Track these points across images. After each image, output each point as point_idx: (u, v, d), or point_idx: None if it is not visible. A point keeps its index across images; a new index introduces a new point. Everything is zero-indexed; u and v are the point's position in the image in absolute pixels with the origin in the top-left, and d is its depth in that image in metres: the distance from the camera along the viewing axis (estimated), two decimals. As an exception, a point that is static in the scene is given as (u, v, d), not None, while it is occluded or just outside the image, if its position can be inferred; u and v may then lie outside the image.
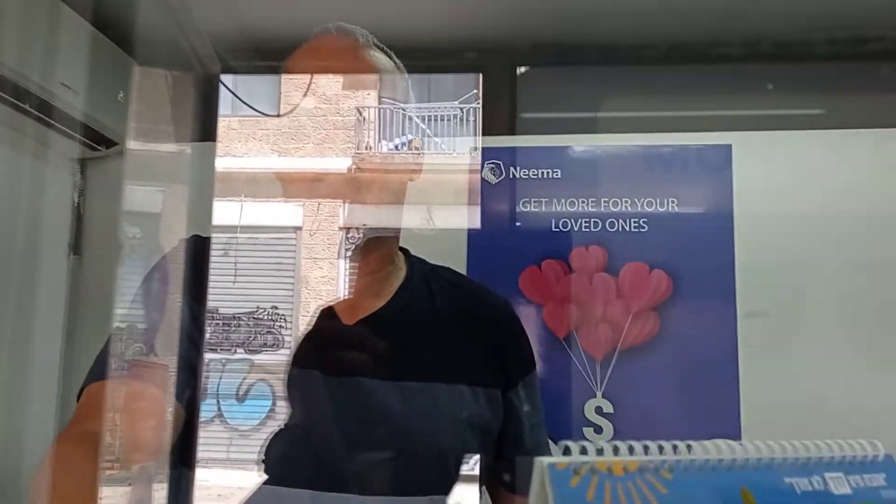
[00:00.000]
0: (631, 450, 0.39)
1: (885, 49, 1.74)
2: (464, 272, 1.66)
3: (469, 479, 0.81)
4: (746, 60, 1.76)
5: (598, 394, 1.64)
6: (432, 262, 0.95)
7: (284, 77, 1.03)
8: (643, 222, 1.70)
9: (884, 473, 0.45)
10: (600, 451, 0.40)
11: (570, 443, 0.39)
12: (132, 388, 0.81)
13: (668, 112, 1.82)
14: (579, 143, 1.76)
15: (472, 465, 0.82)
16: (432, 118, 3.81)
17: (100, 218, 1.75)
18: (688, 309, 1.66)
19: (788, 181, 1.70)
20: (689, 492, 0.39)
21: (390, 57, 0.87)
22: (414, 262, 0.89)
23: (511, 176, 1.74)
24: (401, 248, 0.91)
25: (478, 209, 1.73)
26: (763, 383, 1.62)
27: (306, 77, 1.04)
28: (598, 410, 1.63)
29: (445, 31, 1.84)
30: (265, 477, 0.79)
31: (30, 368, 1.43)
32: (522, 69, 1.90)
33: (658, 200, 1.70)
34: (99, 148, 1.69)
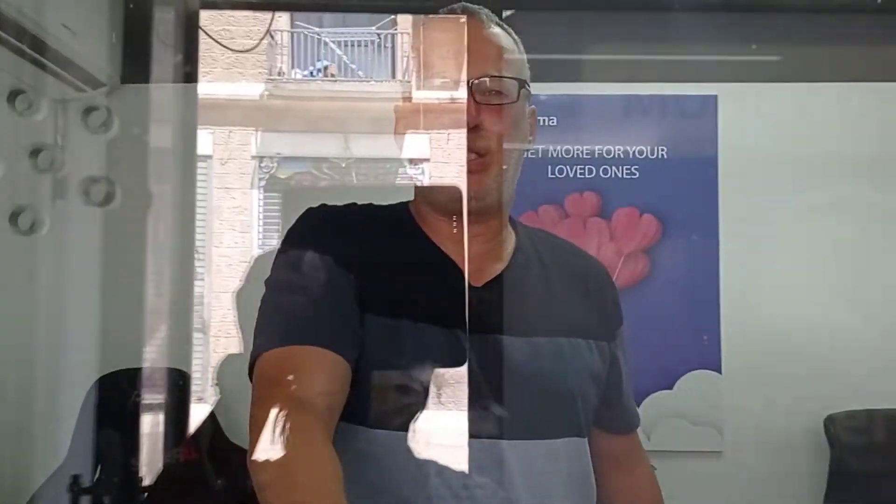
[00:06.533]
0: None
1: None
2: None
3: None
4: (728, 9, 1.83)
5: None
6: None
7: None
8: (634, 169, 1.78)
9: None
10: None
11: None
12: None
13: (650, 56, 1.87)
14: (567, 90, 1.80)
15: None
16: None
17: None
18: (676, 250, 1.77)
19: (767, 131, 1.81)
20: None
21: (510, 35, 0.89)
22: (517, 226, 0.93)
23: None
24: None
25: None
26: (742, 320, 1.76)
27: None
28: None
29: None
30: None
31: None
32: (508, 13, 1.90)
33: (649, 148, 1.78)
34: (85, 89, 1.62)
